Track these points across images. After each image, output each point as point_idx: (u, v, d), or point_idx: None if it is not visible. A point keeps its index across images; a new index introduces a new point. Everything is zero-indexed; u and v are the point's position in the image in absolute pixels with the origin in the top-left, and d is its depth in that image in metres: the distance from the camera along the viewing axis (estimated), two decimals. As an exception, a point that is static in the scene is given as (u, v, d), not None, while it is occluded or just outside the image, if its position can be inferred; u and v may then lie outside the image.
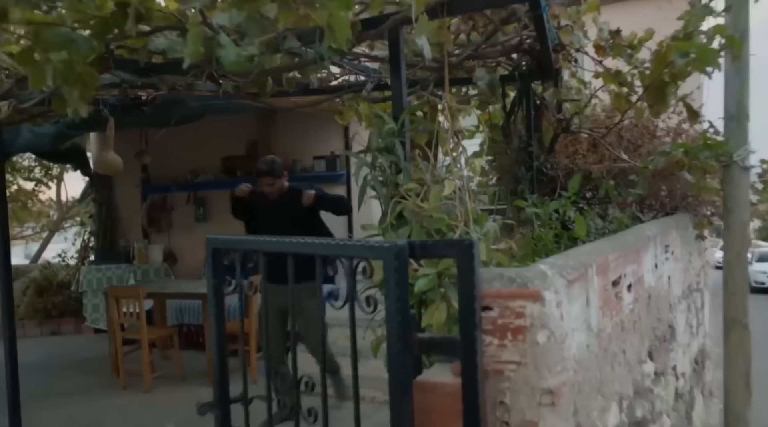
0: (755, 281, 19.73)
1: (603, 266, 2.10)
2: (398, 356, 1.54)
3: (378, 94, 4.05)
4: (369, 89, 3.49)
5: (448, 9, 2.03)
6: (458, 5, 2.09)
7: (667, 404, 3.17)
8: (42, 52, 2.25)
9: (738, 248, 4.04)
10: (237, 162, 8.00)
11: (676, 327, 3.63)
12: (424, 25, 1.77)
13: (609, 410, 2.02)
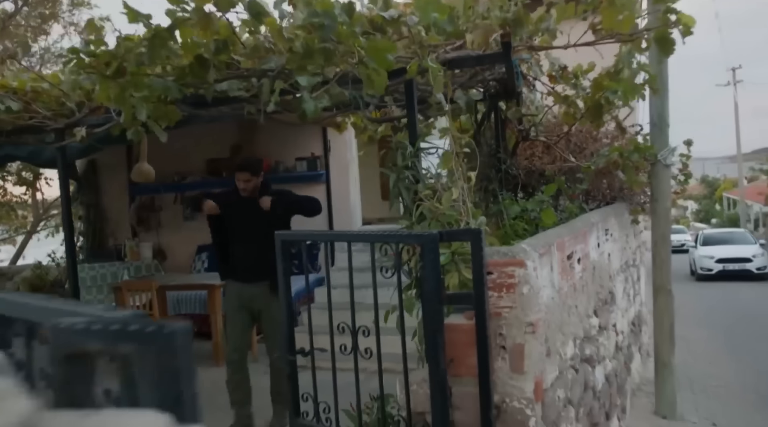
0: (701, 268, 17.95)
1: (561, 245, 2.98)
2: (433, 306, 2.36)
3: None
4: (370, 110, 4.27)
5: (449, 65, 2.83)
6: (457, 63, 2.90)
7: (608, 352, 4.10)
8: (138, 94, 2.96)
9: (663, 230, 5.03)
10: (222, 164, 8.61)
11: (615, 293, 4.57)
12: (439, 83, 2.57)
13: (567, 343, 2.90)
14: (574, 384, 2.98)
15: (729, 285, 16.12)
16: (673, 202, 6.35)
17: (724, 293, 14.87)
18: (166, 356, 0.78)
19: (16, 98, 3.72)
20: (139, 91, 2.91)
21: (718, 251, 18.05)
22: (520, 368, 2.40)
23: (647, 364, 6.28)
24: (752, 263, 17.54)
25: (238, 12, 2.75)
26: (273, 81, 2.84)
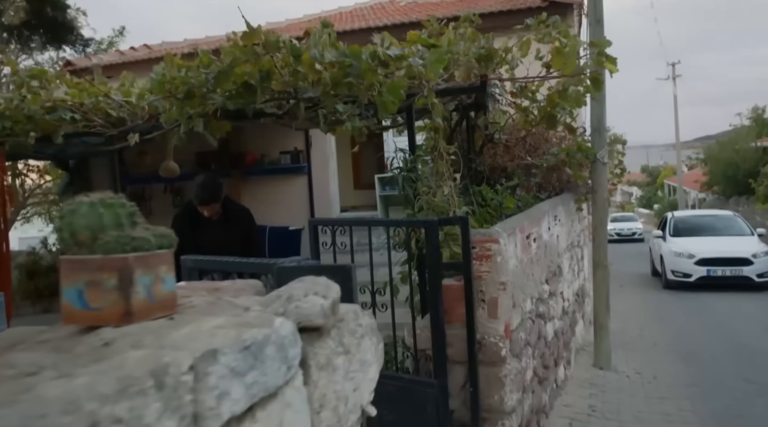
0: (673, 272, 12.17)
1: (522, 228, 3.97)
2: (434, 272, 3.31)
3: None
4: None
5: (441, 94, 3.75)
6: (447, 92, 3.83)
7: (557, 313, 5.15)
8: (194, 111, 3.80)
9: (601, 215, 6.12)
10: (210, 157, 9.34)
11: (562, 268, 5.63)
12: (438, 112, 3.50)
13: (526, 301, 3.91)
14: (531, 331, 4.00)
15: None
16: (610, 192, 7.48)
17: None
18: (345, 278, 1.71)
19: (77, 109, 4.48)
20: (203, 109, 3.76)
21: (699, 246, 12.03)
22: (495, 314, 3.38)
23: (589, 330, 7.40)
24: (752, 266, 11.51)
25: (280, 52, 3.63)
26: (304, 103, 3.73)
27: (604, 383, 5.61)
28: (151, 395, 0.88)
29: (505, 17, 8.56)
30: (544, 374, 4.43)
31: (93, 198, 1.34)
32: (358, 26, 9.70)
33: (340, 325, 1.49)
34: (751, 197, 20.46)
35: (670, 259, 12.37)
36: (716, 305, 10.25)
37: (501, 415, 3.38)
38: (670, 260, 12.40)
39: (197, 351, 1.02)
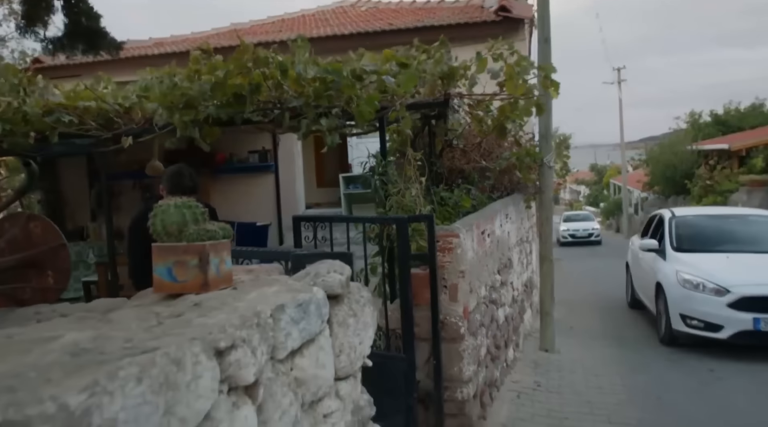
0: (685, 318, 7.04)
1: (478, 225, 4.57)
2: (405, 262, 3.86)
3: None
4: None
5: (409, 108, 4.30)
6: (415, 107, 4.38)
7: (507, 300, 5.78)
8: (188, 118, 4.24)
9: (547, 213, 6.79)
10: (179, 155, 9.67)
11: (512, 260, 6.27)
12: (408, 124, 4.03)
13: (481, 287, 4.51)
14: (485, 314, 4.61)
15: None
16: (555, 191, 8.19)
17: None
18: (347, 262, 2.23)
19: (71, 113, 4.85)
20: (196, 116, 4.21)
21: (735, 273, 7.09)
22: (455, 298, 3.96)
23: (536, 318, 8.10)
24: None
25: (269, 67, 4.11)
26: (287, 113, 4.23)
27: (549, 364, 6.29)
28: (254, 328, 1.40)
29: (462, 29, 9.20)
30: (496, 353, 5.05)
31: (177, 202, 1.85)
32: (324, 33, 10.16)
33: (350, 295, 2.03)
34: (687, 197, 21.77)
35: (678, 293, 7.10)
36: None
37: (459, 384, 3.97)
38: (677, 295, 7.11)
39: (272, 305, 1.54)
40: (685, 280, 7.12)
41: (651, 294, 8.04)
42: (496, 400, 4.91)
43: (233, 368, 1.28)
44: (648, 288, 8.30)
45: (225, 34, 12.18)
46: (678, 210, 9.28)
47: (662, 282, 7.51)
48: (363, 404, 2.10)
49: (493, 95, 4.92)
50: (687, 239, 8.05)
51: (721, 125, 23.70)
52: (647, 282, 8.39)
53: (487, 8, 10.28)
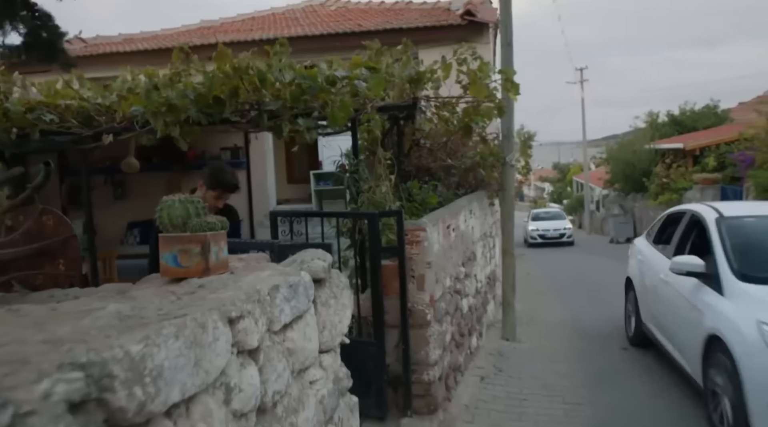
0: None
1: (443, 219, 4.89)
2: (376, 254, 4.15)
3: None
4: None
5: (379, 110, 4.59)
6: (385, 109, 4.67)
7: (471, 291, 6.13)
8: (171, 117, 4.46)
9: (509, 209, 7.17)
10: (152, 151, 9.78)
11: (476, 254, 6.63)
12: (378, 125, 4.32)
13: (446, 278, 4.84)
14: (450, 303, 4.94)
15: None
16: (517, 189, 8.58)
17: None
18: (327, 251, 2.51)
19: (53, 111, 5.01)
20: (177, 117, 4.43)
21: None
22: (422, 288, 4.27)
23: (499, 310, 8.48)
24: None
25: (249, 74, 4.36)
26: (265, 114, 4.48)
27: (510, 351, 6.66)
28: (256, 303, 1.68)
29: (429, 32, 9.52)
30: (460, 340, 5.39)
31: (181, 198, 2.11)
32: (295, 33, 10.37)
33: (331, 280, 2.32)
34: (645, 194, 22.58)
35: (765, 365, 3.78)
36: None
37: (426, 367, 4.29)
38: (763, 370, 3.79)
39: (268, 285, 1.82)
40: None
41: (694, 352, 4.73)
42: (460, 383, 5.25)
43: (241, 334, 1.56)
44: (686, 339, 5.07)
45: (195, 31, 12.28)
46: (724, 206, 5.86)
47: (726, 338, 4.15)
48: (342, 375, 2.39)
49: (458, 98, 5.24)
50: (756, 259, 4.82)
51: (678, 125, 24.59)
52: (683, 327, 5.19)
53: (454, 11, 10.63)
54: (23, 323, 1.34)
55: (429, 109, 5.63)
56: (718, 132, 20.81)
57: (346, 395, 2.47)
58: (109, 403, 1.06)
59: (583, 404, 5.04)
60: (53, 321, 1.34)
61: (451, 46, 7.44)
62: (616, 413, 4.86)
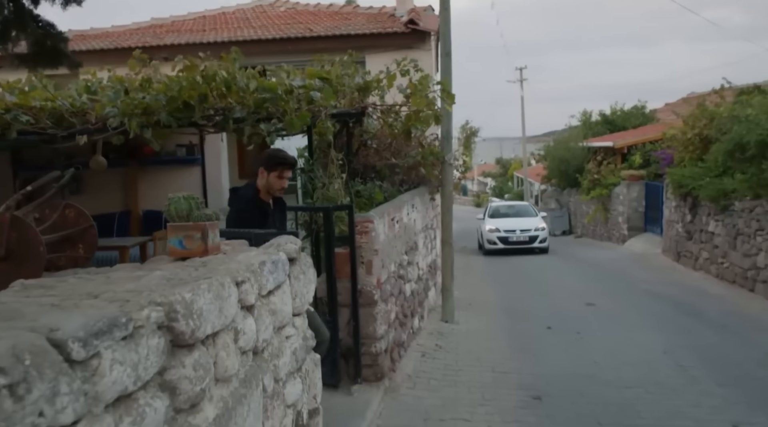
0: None
1: (388, 212, 5.57)
2: (330, 243, 4.79)
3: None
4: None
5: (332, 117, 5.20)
6: (337, 116, 5.29)
7: (414, 277, 6.83)
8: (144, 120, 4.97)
9: (448, 204, 7.91)
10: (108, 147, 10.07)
11: (418, 244, 7.34)
12: (330, 129, 4.94)
13: (391, 264, 5.52)
14: (395, 286, 5.62)
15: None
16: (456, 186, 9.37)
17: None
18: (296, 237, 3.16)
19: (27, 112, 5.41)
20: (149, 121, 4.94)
21: None
22: (370, 272, 4.94)
23: (439, 295, 9.23)
24: None
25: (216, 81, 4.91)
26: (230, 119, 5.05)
27: (449, 331, 7.41)
28: (251, 273, 2.30)
29: (376, 38, 10.17)
30: (403, 320, 6.08)
31: (184, 195, 2.69)
32: (249, 36, 10.83)
33: (300, 259, 2.95)
34: (578, 189, 23.91)
35: None
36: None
37: (374, 340, 4.96)
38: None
39: (257, 261, 2.43)
40: None
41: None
42: (403, 358, 5.95)
43: (243, 294, 2.18)
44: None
45: (147, 29, 12.54)
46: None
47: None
48: (308, 335, 3.03)
49: (400, 105, 5.91)
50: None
51: (609, 124, 26.06)
52: None
53: (398, 17, 11.31)
54: (98, 282, 1.92)
55: (375, 113, 6.29)
56: (644, 131, 22.26)
57: (311, 352, 3.10)
58: (174, 328, 1.67)
59: (508, 373, 5.82)
60: (117, 282, 1.93)
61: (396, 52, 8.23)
62: (535, 378, 5.66)
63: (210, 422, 1.84)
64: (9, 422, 1.08)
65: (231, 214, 4.08)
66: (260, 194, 4.07)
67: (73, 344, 1.27)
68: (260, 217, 3.95)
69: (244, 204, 4.06)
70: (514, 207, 21.26)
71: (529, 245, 17.76)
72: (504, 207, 21.45)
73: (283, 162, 4.14)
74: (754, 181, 9.77)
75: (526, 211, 20.37)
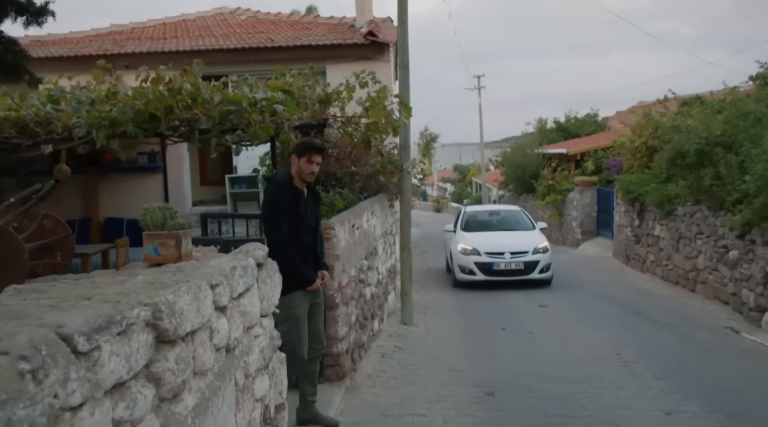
0: None
1: (349, 219, 5.82)
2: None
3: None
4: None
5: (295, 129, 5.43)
6: (300, 128, 5.52)
7: (373, 281, 7.09)
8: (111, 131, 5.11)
9: (406, 210, 8.21)
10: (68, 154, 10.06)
11: (378, 249, 7.61)
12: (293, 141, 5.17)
13: (352, 269, 5.77)
14: (355, 290, 5.87)
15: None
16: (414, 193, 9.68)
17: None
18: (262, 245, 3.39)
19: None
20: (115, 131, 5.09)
21: None
22: (332, 276, 5.17)
23: (398, 300, 9.51)
24: None
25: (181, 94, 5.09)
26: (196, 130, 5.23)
27: (407, 333, 7.70)
28: (224, 277, 2.53)
29: (336, 49, 10.43)
30: (364, 322, 6.34)
31: (159, 206, 2.90)
32: (210, 45, 10.95)
33: (267, 265, 3.18)
34: (534, 195, 24.59)
35: None
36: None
37: (335, 341, 5.20)
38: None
39: (229, 266, 2.66)
40: None
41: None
42: (364, 358, 6.20)
43: (217, 296, 2.40)
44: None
45: (107, 36, 12.52)
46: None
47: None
48: (275, 335, 3.26)
49: (360, 116, 6.18)
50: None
51: (563, 131, 26.88)
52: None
53: (358, 28, 11.59)
54: (86, 286, 2.12)
55: (336, 124, 6.54)
56: (596, 139, 23.06)
57: (277, 351, 3.33)
58: (159, 326, 1.89)
59: (464, 371, 6.13)
60: (104, 286, 2.14)
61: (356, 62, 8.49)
62: (488, 375, 5.98)
63: (190, 411, 2.06)
64: (32, 401, 1.29)
65: (267, 197, 4.43)
66: (293, 180, 4.34)
67: (78, 338, 1.48)
68: (293, 200, 4.27)
69: (278, 187, 4.36)
70: (498, 214, 14.60)
71: (524, 275, 11.55)
72: (483, 214, 14.83)
73: (311, 147, 4.45)
74: (694, 188, 10.36)
75: (516, 220, 13.73)
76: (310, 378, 4.42)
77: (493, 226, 13.53)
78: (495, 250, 11.77)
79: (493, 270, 11.66)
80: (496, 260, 11.70)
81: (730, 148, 9.27)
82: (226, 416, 2.41)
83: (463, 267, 11.86)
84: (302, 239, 4.21)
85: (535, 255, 11.76)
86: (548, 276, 11.81)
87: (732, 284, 8.94)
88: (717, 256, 9.54)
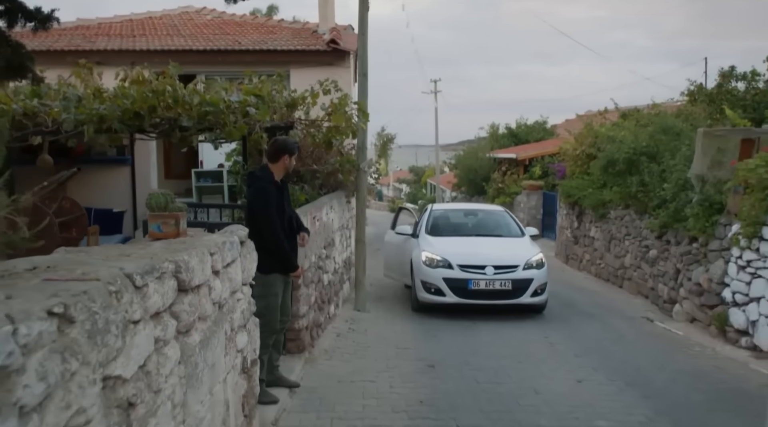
0: None
1: (310, 212, 6.54)
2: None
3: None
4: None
5: (266, 130, 6.10)
6: (270, 130, 6.19)
7: (331, 269, 7.81)
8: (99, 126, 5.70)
9: (362, 207, 8.95)
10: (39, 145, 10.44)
11: (335, 241, 8.33)
12: (264, 141, 5.82)
13: (312, 255, 6.49)
14: (315, 274, 6.59)
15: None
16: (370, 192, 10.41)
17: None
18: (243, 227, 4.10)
19: (-15, 115, 5.97)
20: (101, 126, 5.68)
21: None
22: (295, 261, 5.88)
23: (353, 290, 10.24)
24: None
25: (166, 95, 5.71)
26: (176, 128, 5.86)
27: (360, 318, 8.44)
28: (218, 248, 3.23)
29: (300, 54, 11.10)
30: (321, 305, 7.05)
31: (161, 192, 3.57)
32: (179, 45, 11.45)
33: (247, 243, 3.87)
34: (485, 197, 25.68)
35: None
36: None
37: (297, 318, 5.90)
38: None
39: (221, 240, 3.37)
40: None
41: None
42: (321, 337, 6.92)
43: (214, 262, 3.10)
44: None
45: (74, 31, 12.84)
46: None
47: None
48: (252, 301, 3.96)
49: (322, 120, 6.90)
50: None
51: (514, 137, 28.10)
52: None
53: (321, 34, 12.28)
54: (119, 250, 2.79)
55: (300, 126, 7.25)
56: (544, 145, 24.29)
57: (253, 316, 4.03)
58: (179, 277, 2.59)
59: (409, 349, 6.92)
60: (131, 250, 2.81)
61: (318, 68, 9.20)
62: (431, 353, 6.78)
63: (197, 343, 2.76)
64: (116, 311, 1.98)
65: (258, 192, 4.97)
66: (274, 176, 4.99)
67: (136, 276, 2.18)
68: (277, 193, 4.96)
69: (267, 183, 4.96)
70: (476, 215, 11.24)
71: (512, 298, 8.71)
72: (457, 214, 11.56)
73: (298, 147, 5.40)
74: (624, 193, 11.43)
75: (500, 224, 10.63)
76: (276, 346, 5.13)
77: (468, 230, 10.42)
78: (473, 262, 8.73)
79: (470, 290, 8.61)
80: (474, 275, 8.60)
81: (653, 159, 10.36)
82: (219, 355, 3.12)
83: (428, 284, 8.75)
84: (284, 225, 4.92)
85: (527, 271, 8.75)
86: (542, 300, 8.88)
87: (651, 280, 10.02)
88: (640, 255, 10.62)
